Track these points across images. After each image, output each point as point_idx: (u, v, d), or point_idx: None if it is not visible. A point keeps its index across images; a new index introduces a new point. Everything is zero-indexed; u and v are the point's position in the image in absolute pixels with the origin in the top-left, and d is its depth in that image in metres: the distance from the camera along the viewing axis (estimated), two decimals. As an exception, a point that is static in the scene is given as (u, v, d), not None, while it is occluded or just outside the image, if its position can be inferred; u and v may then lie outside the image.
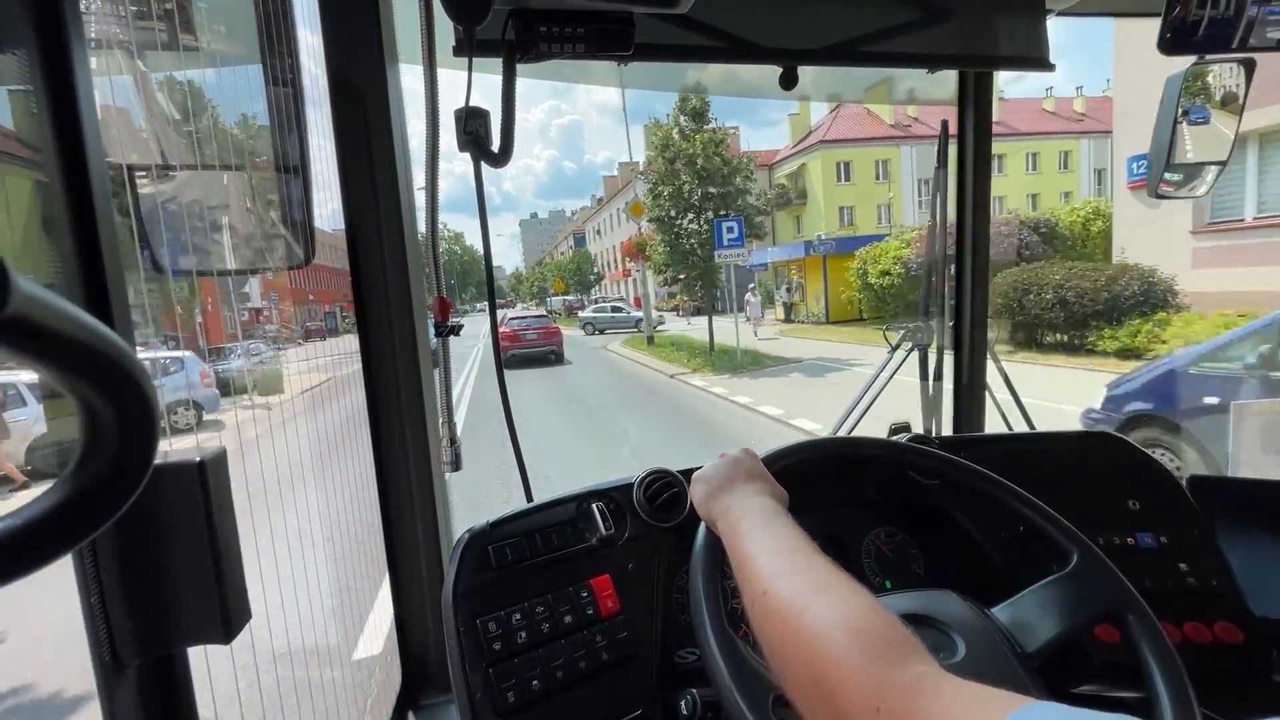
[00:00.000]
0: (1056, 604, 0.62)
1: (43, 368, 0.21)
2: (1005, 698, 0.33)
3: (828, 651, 0.40)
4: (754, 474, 0.66)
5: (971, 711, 0.33)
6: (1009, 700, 0.32)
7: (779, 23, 0.94)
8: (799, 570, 0.49)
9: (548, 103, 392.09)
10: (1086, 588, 0.63)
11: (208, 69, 0.81)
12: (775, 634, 0.46)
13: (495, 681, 0.67)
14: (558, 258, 65.83)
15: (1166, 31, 0.92)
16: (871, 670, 0.38)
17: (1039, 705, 0.31)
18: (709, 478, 0.68)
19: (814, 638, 0.42)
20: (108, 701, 0.39)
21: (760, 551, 0.53)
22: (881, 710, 0.36)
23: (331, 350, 2.03)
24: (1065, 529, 0.66)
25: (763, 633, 0.48)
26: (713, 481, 0.66)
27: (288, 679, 1.01)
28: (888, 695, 0.36)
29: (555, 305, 45.20)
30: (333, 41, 0.87)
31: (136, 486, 0.25)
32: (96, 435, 0.24)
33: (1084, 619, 0.60)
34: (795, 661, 0.43)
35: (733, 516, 0.60)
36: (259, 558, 0.74)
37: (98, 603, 0.38)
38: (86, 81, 0.39)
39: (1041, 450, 1.01)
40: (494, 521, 0.78)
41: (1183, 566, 0.86)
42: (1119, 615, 0.61)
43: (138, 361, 0.24)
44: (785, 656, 0.44)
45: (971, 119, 1.31)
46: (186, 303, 1.15)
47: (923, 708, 0.35)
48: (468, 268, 65.28)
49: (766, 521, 0.57)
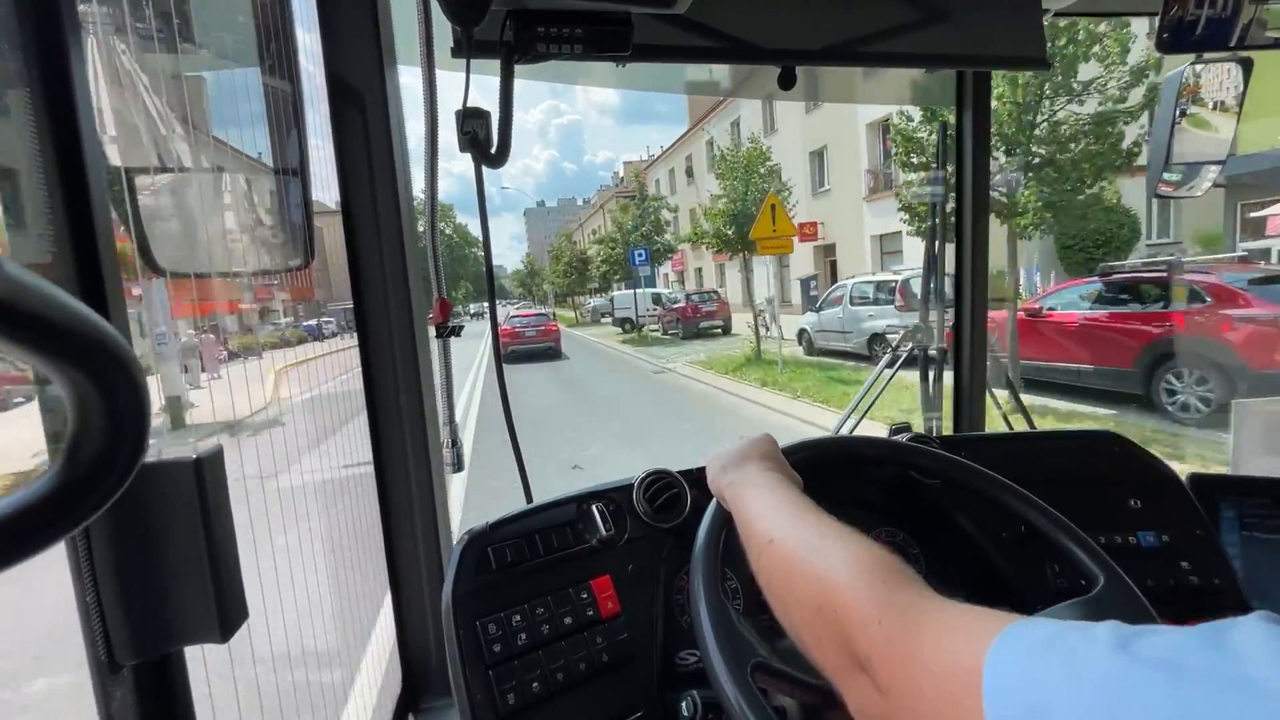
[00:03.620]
0: None
1: (29, 354, 0.21)
2: (999, 616, 0.34)
3: (831, 581, 0.43)
4: (768, 455, 0.67)
5: (967, 624, 0.34)
6: (1002, 617, 0.33)
7: (777, 23, 0.94)
8: (805, 522, 0.51)
9: (546, 103, 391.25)
10: (1112, 615, 0.61)
11: (206, 70, 0.81)
12: (781, 574, 0.48)
13: (495, 683, 0.67)
14: (587, 238, 48.39)
15: (1164, 31, 0.92)
16: (873, 592, 0.40)
17: (1028, 620, 0.32)
18: (724, 454, 0.69)
19: (819, 572, 0.45)
20: (104, 702, 0.38)
21: (766, 511, 0.55)
22: (882, 623, 0.38)
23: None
24: (1093, 551, 0.64)
25: (769, 576, 0.50)
26: (726, 458, 0.68)
27: (286, 681, 1.01)
28: (888, 611, 0.38)
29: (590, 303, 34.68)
30: (331, 43, 0.87)
31: (128, 475, 0.25)
32: (86, 423, 0.23)
33: None
34: (800, 595, 0.45)
35: (741, 485, 0.61)
36: (256, 558, 0.74)
37: (93, 602, 0.38)
38: (84, 82, 0.39)
39: (1043, 449, 1.01)
40: (493, 523, 0.78)
41: (1185, 565, 0.85)
42: None
43: (128, 348, 0.24)
44: (791, 592, 0.47)
45: (970, 119, 1.31)
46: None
47: (922, 621, 0.36)
48: (458, 253, 55.27)
49: (774, 489, 0.58)
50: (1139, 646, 0.27)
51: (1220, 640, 0.25)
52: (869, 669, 0.37)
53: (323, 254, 1.26)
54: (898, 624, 0.37)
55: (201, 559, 0.39)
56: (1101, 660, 0.27)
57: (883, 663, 0.36)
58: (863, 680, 0.38)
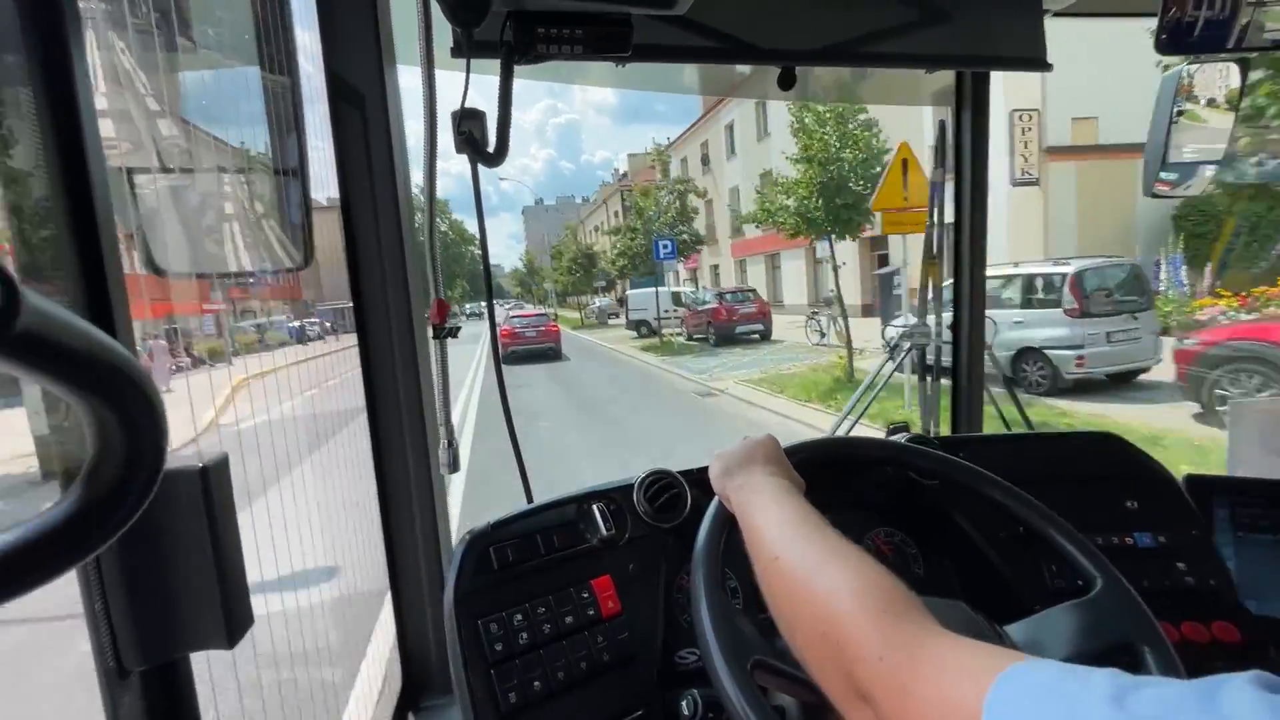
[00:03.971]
0: (1074, 629, 0.61)
1: (51, 382, 0.21)
2: (1000, 654, 0.34)
3: (836, 608, 0.43)
4: (772, 458, 0.67)
5: (968, 663, 0.35)
6: (1003, 656, 0.34)
7: (777, 23, 0.94)
8: (810, 539, 0.51)
9: (543, 102, 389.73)
10: (1109, 617, 0.61)
11: (206, 70, 0.81)
12: (785, 595, 0.49)
13: (496, 683, 0.67)
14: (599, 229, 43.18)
15: (1162, 32, 0.92)
16: (877, 623, 0.40)
17: (1031, 662, 0.33)
18: (728, 455, 0.69)
19: (824, 596, 0.45)
20: (111, 707, 0.39)
21: (772, 522, 0.55)
22: (884, 659, 0.38)
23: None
24: (1091, 554, 0.65)
25: (773, 594, 0.50)
26: (731, 459, 0.68)
27: (289, 681, 1.01)
28: (891, 644, 0.38)
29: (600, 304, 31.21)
30: (330, 43, 0.86)
31: (146, 498, 0.25)
32: (106, 447, 0.24)
33: (1099, 647, 0.59)
34: (805, 619, 0.46)
35: (747, 491, 0.61)
36: (259, 560, 0.74)
37: (101, 609, 0.38)
38: (85, 83, 0.39)
39: (1040, 450, 1.02)
40: (494, 522, 0.78)
41: (1180, 566, 0.86)
42: (1134, 648, 0.59)
43: (145, 373, 0.24)
44: (795, 615, 0.47)
45: (969, 119, 1.31)
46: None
47: (923, 657, 0.37)
48: (454, 250, 52.51)
49: (780, 498, 0.58)
50: (1133, 702, 0.27)
51: (1212, 702, 0.26)
52: (871, 702, 0.38)
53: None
54: (899, 660, 0.37)
55: (208, 566, 0.39)
56: (1097, 714, 0.28)
57: (886, 696, 0.37)
58: (865, 711, 0.38)
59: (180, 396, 0.88)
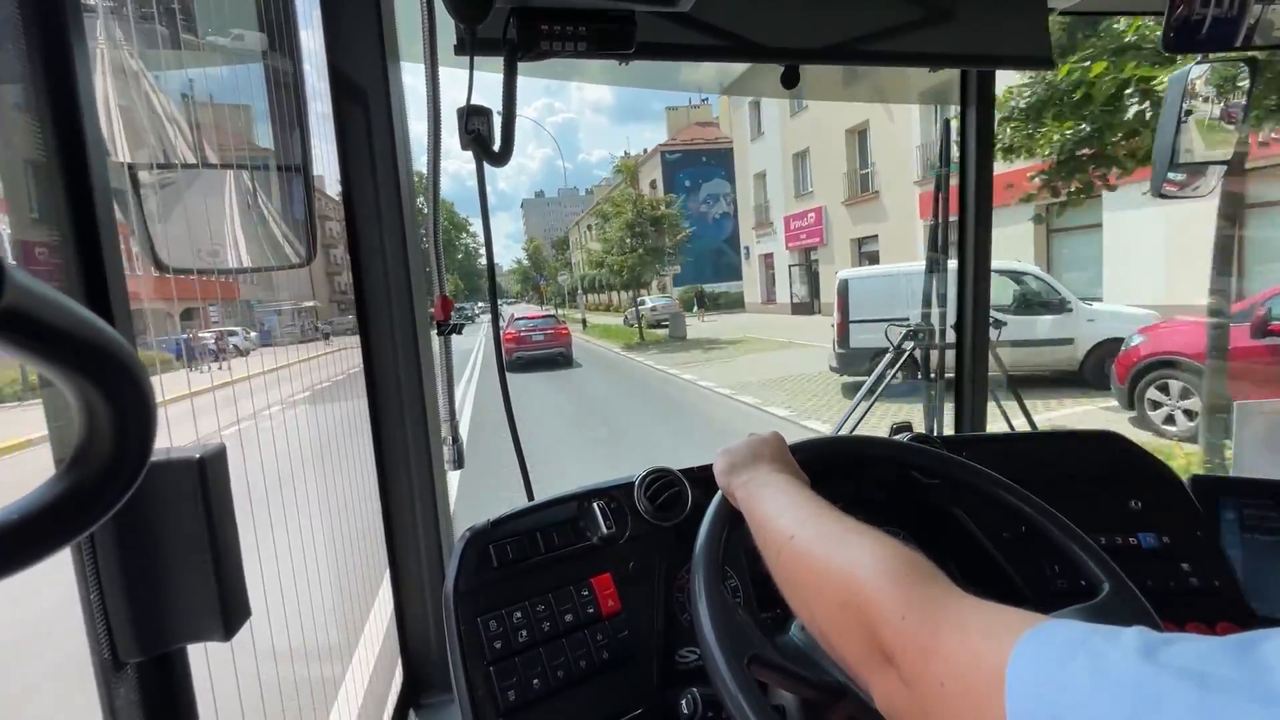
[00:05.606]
0: None
1: (37, 362, 0.21)
2: (1024, 615, 0.34)
3: (855, 576, 0.43)
4: (778, 455, 0.67)
5: (992, 622, 0.34)
6: (1027, 617, 0.33)
7: (781, 21, 0.94)
8: (825, 519, 0.51)
9: (540, 101, 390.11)
10: (1117, 622, 0.61)
11: (209, 67, 0.81)
12: (801, 571, 0.49)
13: (496, 680, 0.67)
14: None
15: (1170, 30, 0.92)
16: (898, 587, 0.40)
17: (1053, 621, 0.32)
18: (734, 451, 0.68)
19: (844, 566, 0.45)
20: (107, 700, 0.39)
21: (784, 508, 0.55)
22: (906, 618, 0.38)
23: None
24: (1098, 556, 0.64)
25: (790, 572, 0.50)
26: (737, 455, 0.67)
27: (288, 677, 1.01)
28: (912, 606, 0.38)
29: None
30: (334, 40, 0.87)
31: (133, 482, 0.25)
32: (93, 430, 0.24)
33: None
34: (823, 590, 0.45)
35: (753, 486, 0.61)
36: (259, 555, 0.74)
37: (97, 600, 0.38)
38: (87, 80, 0.39)
39: (1043, 450, 1.01)
40: (495, 520, 0.78)
41: (1185, 566, 0.85)
42: None
43: (134, 355, 0.24)
44: (812, 588, 0.47)
45: (973, 118, 1.31)
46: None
47: (945, 617, 0.36)
48: (447, 239, 42.10)
49: (787, 489, 0.58)
50: (1167, 655, 0.26)
51: (1250, 652, 0.25)
52: (895, 662, 0.37)
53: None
54: (923, 619, 0.37)
55: (205, 557, 0.39)
56: (1128, 667, 0.27)
57: (908, 656, 0.37)
58: (890, 673, 0.38)
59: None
